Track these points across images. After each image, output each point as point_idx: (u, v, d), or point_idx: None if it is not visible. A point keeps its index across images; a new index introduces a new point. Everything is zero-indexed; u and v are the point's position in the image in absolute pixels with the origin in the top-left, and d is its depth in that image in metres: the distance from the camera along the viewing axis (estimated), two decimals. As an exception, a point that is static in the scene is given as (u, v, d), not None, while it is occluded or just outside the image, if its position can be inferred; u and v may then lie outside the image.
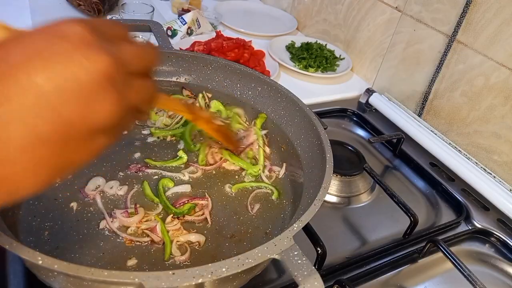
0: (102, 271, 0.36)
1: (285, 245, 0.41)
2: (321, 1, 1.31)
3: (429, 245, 0.66)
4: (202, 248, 0.55)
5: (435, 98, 0.97)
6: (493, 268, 0.69)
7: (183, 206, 0.59)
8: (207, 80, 0.77)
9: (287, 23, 1.43)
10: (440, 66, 0.94)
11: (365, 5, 1.14)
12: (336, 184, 0.77)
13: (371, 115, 1.04)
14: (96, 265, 0.51)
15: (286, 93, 0.70)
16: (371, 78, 1.16)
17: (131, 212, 0.56)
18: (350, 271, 0.62)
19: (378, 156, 0.91)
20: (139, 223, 0.55)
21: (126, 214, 0.56)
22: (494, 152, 0.86)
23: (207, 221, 0.59)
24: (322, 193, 0.50)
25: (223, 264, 0.38)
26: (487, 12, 0.83)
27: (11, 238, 0.39)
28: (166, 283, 0.36)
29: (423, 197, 0.81)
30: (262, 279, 0.58)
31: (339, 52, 1.23)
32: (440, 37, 0.94)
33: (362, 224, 0.72)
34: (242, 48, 1.11)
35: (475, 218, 0.77)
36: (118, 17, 1.15)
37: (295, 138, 0.68)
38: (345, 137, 0.94)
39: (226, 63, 0.76)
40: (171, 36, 1.15)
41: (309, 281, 0.38)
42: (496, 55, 0.83)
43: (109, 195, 0.60)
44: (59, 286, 0.43)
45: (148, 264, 0.52)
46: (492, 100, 0.84)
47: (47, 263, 0.36)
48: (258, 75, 0.74)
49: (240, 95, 0.76)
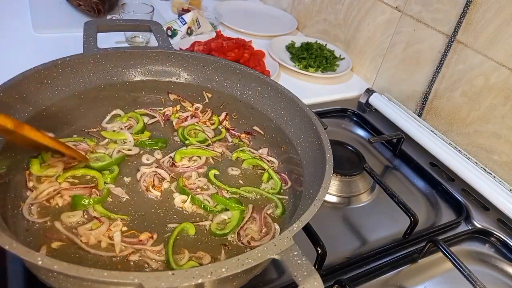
0: (102, 272, 0.36)
1: (285, 245, 0.41)
2: (321, 1, 1.31)
3: (429, 245, 0.66)
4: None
5: (435, 98, 0.97)
6: (493, 268, 0.69)
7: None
8: (207, 80, 0.77)
9: (287, 23, 1.43)
10: (440, 66, 0.94)
11: (365, 5, 1.14)
12: (336, 184, 0.77)
13: (371, 115, 1.04)
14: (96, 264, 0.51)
15: (286, 93, 0.70)
16: (371, 78, 1.16)
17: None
18: (350, 271, 0.62)
19: (378, 156, 0.91)
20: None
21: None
22: (494, 152, 0.86)
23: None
24: (322, 193, 0.50)
25: (223, 264, 0.38)
26: (487, 12, 0.83)
27: (11, 238, 0.39)
28: (165, 283, 0.36)
29: (423, 197, 0.81)
30: (262, 279, 0.57)
31: (339, 52, 1.23)
32: (440, 37, 0.94)
33: (362, 224, 0.72)
34: (242, 48, 1.11)
35: (475, 218, 0.77)
36: (118, 17, 1.15)
37: (295, 138, 0.68)
38: (345, 137, 0.94)
39: (226, 63, 0.76)
40: (171, 36, 1.15)
41: (309, 281, 0.38)
42: (496, 55, 0.83)
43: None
44: (59, 286, 0.43)
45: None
46: (492, 100, 0.84)
47: (47, 263, 0.36)
48: (258, 75, 0.74)
49: (240, 95, 0.76)
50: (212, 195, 0.63)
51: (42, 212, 0.56)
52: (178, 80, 0.77)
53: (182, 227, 0.57)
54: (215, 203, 0.62)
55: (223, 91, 0.77)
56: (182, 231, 0.57)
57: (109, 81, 0.73)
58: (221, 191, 0.64)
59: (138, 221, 0.58)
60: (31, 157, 0.61)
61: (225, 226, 0.59)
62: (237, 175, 0.69)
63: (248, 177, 0.69)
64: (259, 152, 0.74)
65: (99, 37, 0.73)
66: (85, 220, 0.56)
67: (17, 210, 0.55)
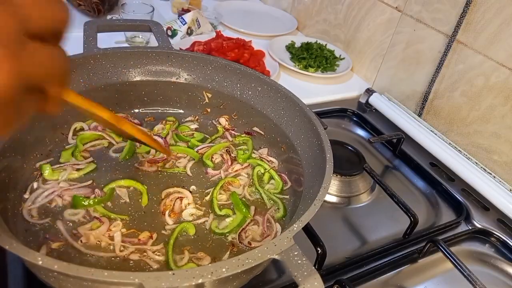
0: (102, 272, 0.36)
1: (285, 245, 0.41)
2: (321, 1, 1.31)
3: (429, 245, 0.66)
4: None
5: (435, 98, 0.97)
6: (493, 268, 0.69)
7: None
8: (207, 80, 0.77)
9: (287, 23, 1.43)
10: (440, 66, 0.94)
11: (365, 5, 1.14)
12: (336, 184, 0.77)
13: (371, 115, 1.04)
14: (96, 264, 0.51)
15: (286, 93, 0.70)
16: (371, 78, 1.16)
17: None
18: (350, 271, 0.62)
19: (378, 156, 0.91)
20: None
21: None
22: (494, 152, 0.86)
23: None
24: (322, 193, 0.50)
25: (223, 264, 0.38)
26: (487, 12, 0.83)
27: (11, 238, 0.39)
28: (166, 283, 0.36)
29: (423, 197, 0.81)
30: (262, 279, 0.57)
31: (339, 52, 1.23)
32: (440, 37, 0.94)
33: (362, 224, 0.72)
34: (242, 48, 1.11)
35: (475, 218, 0.77)
36: (118, 17, 1.14)
37: (295, 138, 0.68)
38: (345, 137, 0.94)
39: (226, 63, 0.76)
40: (171, 36, 1.15)
41: (309, 281, 0.38)
42: (496, 55, 0.83)
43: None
44: (59, 286, 0.42)
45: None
46: (492, 100, 0.84)
47: (47, 263, 0.36)
48: (258, 75, 0.74)
49: (240, 95, 0.76)
50: (232, 193, 0.64)
51: (42, 213, 0.56)
52: (178, 80, 0.77)
53: (182, 227, 0.57)
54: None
55: (223, 91, 0.77)
56: (182, 231, 0.57)
57: (109, 81, 0.73)
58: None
59: (138, 221, 0.58)
60: (41, 164, 0.62)
61: (225, 226, 0.59)
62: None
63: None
64: (259, 152, 0.74)
65: (99, 37, 0.73)
66: (85, 220, 0.56)
67: (17, 211, 0.55)
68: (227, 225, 0.59)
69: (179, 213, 0.60)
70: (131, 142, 0.69)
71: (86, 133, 0.69)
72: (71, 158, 0.65)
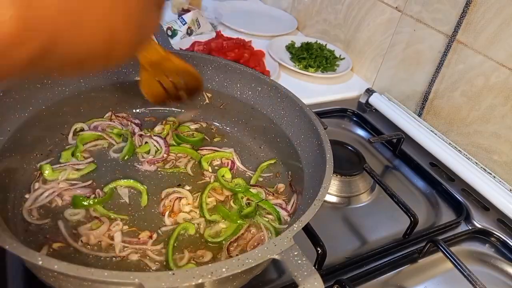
0: (102, 272, 0.36)
1: (285, 245, 0.41)
2: (321, 1, 1.31)
3: (429, 245, 0.66)
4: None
5: (435, 98, 0.97)
6: (493, 268, 0.69)
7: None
8: (207, 80, 0.77)
9: (287, 23, 1.43)
10: (440, 66, 0.94)
11: (365, 5, 1.14)
12: (336, 184, 0.77)
13: (371, 115, 1.04)
14: (97, 264, 0.51)
15: (286, 93, 0.70)
16: (371, 78, 1.16)
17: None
18: (350, 271, 0.62)
19: (378, 156, 0.91)
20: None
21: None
22: (494, 152, 0.86)
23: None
24: (322, 193, 0.50)
25: (223, 264, 0.38)
26: (487, 12, 0.83)
27: (11, 238, 0.39)
28: (166, 283, 0.36)
29: (423, 197, 0.81)
30: (262, 279, 0.57)
31: (339, 52, 1.23)
32: (440, 37, 0.94)
33: (362, 224, 0.72)
34: (242, 48, 1.11)
35: (475, 218, 0.77)
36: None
37: (295, 138, 0.68)
38: (345, 137, 0.94)
39: (226, 63, 0.76)
40: (171, 36, 1.15)
41: (309, 281, 0.38)
42: (496, 55, 0.83)
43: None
44: (59, 286, 0.43)
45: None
46: (492, 100, 0.84)
47: (47, 263, 0.36)
48: (258, 75, 0.74)
49: (240, 95, 0.76)
50: (218, 206, 0.62)
51: (42, 213, 0.56)
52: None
53: (182, 226, 0.57)
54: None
55: (223, 91, 0.77)
56: (182, 231, 0.57)
57: (109, 81, 0.73)
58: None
59: (138, 221, 0.58)
60: (41, 164, 0.62)
61: (218, 235, 0.58)
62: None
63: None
64: (274, 189, 0.68)
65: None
66: (85, 220, 0.56)
67: (17, 211, 0.55)
68: (221, 233, 0.58)
69: (178, 213, 0.60)
70: (131, 142, 0.69)
71: (86, 133, 0.69)
72: (71, 158, 0.65)
